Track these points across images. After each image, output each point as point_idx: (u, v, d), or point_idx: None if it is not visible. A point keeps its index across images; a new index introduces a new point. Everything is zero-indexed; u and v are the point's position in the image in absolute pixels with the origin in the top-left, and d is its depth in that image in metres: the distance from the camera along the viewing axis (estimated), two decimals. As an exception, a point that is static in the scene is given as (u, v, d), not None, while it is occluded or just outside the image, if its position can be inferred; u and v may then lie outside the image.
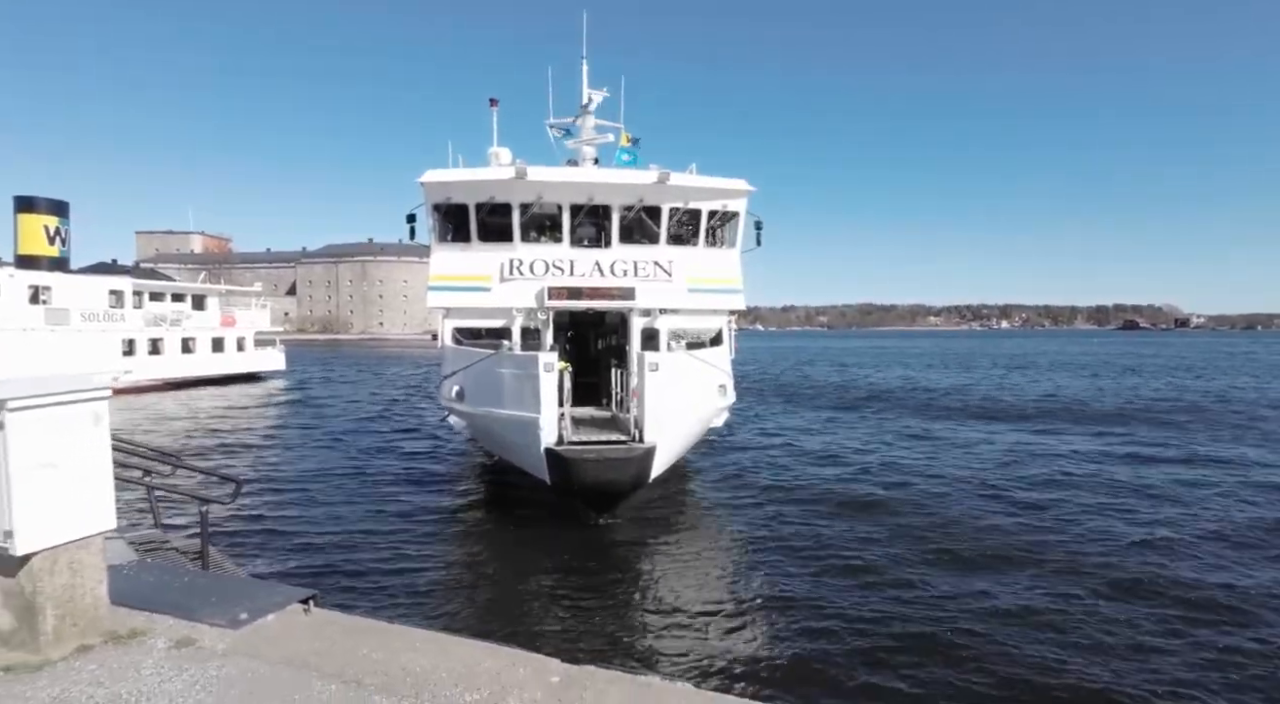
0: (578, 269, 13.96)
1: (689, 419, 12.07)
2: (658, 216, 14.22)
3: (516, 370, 11.16)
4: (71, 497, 4.19)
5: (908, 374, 49.89)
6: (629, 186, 13.84)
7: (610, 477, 10.17)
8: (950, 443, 20.34)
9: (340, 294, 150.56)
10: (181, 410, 29.19)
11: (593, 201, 13.93)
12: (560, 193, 13.78)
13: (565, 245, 14.15)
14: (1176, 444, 19.79)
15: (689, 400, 11.94)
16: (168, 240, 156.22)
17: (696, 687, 4.20)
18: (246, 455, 18.76)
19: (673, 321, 14.27)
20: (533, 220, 14.23)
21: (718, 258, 15.13)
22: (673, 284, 14.24)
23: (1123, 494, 14.00)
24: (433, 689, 3.88)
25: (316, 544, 10.34)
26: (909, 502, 13.30)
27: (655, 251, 14.36)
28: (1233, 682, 6.37)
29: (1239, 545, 10.43)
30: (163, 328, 38.78)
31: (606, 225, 14.24)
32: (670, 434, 10.96)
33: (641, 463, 10.36)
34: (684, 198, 14.19)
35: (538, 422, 10.32)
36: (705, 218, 14.58)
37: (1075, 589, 8.62)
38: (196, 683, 3.90)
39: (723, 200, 14.66)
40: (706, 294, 14.66)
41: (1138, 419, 25.33)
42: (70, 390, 4.17)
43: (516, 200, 13.63)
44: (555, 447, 10.32)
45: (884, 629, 7.54)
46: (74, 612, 4.28)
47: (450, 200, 13.93)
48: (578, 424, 11.89)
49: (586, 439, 10.88)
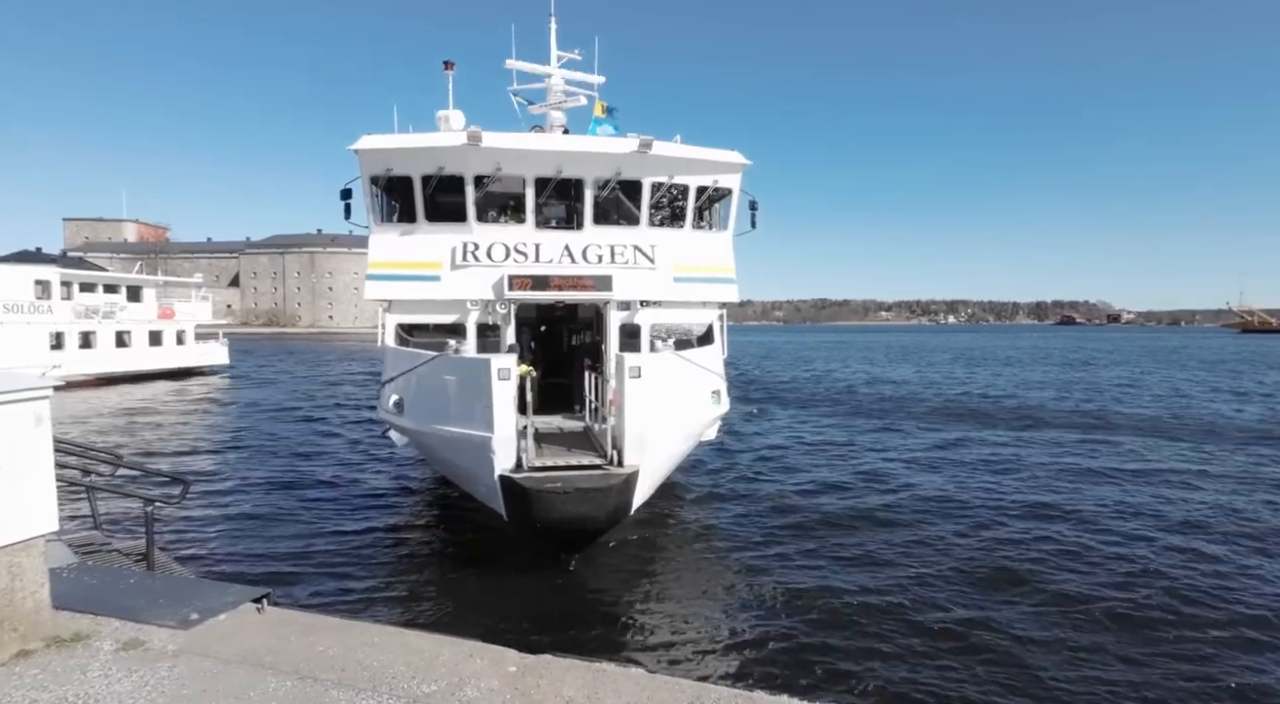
0: (544, 254, 12.06)
1: (678, 435, 10.29)
2: (638, 193, 12.32)
3: (463, 377, 9.26)
4: (11, 498, 4.09)
5: (897, 373, 47.67)
6: (604, 156, 11.90)
7: (581, 511, 8.31)
8: (961, 447, 19.27)
9: (287, 286, 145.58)
10: (117, 407, 27.89)
11: (561, 175, 11.93)
12: (523, 163, 11.77)
13: (529, 227, 12.18)
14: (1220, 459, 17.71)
15: (678, 412, 10.13)
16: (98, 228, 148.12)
17: (649, 672, 4.37)
18: (189, 454, 18.10)
19: (656, 316, 12.52)
20: (490, 197, 12.39)
21: (707, 242, 13.17)
22: (656, 272, 12.34)
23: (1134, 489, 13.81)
24: (390, 683, 3.95)
25: (267, 543, 10.12)
26: (930, 516, 12.10)
27: (635, 234, 12.43)
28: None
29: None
30: (95, 320, 36.83)
31: (578, 203, 12.28)
32: (656, 454, 9.28)
33: (621, 493, 8.58)
34: (669, 171, 12.30)
35: (489, 442, 8.49)
36: (693, 195, 12.69)
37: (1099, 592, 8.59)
38: (146, 683, 3.87)
39: (713, 175, 12.71)
40: (695, 284, 12.75)
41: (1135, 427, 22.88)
42: (10, 390, 4.06)
43: (470, 172, 11.68)
44: (512, 474, 8.51)
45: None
46: (13, 616, 4.18)
47: (391, 172, 11.86)
48: (543, 441, 10.15)
49: (552, 464, 8.96)
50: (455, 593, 8.56)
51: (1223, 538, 10.85)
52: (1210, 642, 7.30)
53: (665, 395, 9.42)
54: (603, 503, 8.41)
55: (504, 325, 11.96)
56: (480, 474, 9.08)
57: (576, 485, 8.36)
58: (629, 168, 12.06)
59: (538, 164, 11.84)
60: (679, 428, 10.24)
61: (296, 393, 33.80)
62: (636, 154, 11.71)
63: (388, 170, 11.88)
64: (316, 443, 19.40)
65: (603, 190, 12.35)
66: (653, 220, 12.69)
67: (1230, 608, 8.16)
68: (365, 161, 11.93)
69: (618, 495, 8.57)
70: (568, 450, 9.73)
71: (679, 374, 10.45)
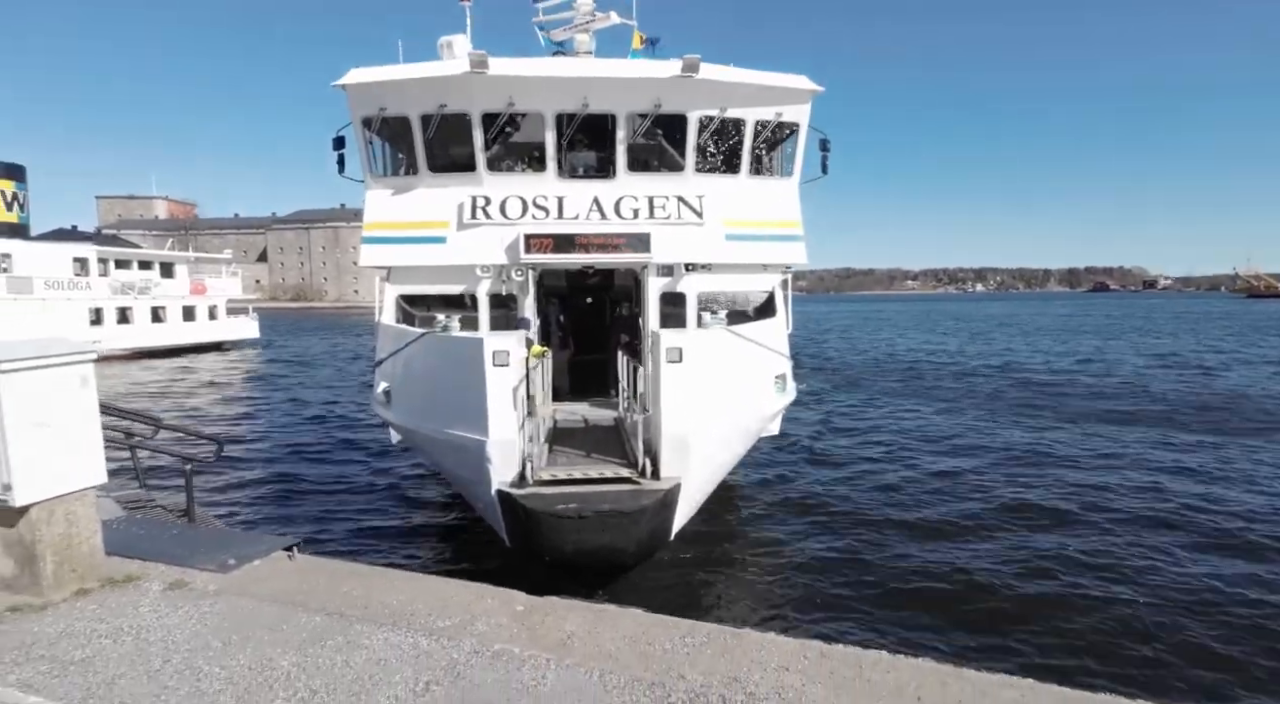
0: (569, 209, 10.07)
1: (731, 435, 8.32)
2: (682, 131, 10.13)
3: (451, 363, 7.60)
4: (64, 452, 4.50)
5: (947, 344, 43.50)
6: (640, 83, 9.78)
7: (602, 541, 6.48)
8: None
9: (313, 261, 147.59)
10: (155, 379, 29.01)
11: (588, 109, 9.82)
12: (540, 95, 9.72)
13: (551, 176, 10.14)
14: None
15: (731, 404, 8.17)
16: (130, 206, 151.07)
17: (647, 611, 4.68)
18: (224, 420, 18.92)
19: (704, 282, 10.42)
20: (511, 148, 10.45)
21: (768, 191, 10.91)
22: (704, 228, 10.24)
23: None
24: (409, 618, 4.32)
25: (297, 500, 10.72)
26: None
27: (679, 182, 10.30)
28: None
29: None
30: (131, 296, 38.10)
31: (609, 144, 10.16)
32: (702, 462, 7.36)
33: (656, 516, 6.74)
34: (720, 101, 10.01)
35: (483, 449, 6.82)
36: (750, 132, 10.37)
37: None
38: (191, 618, 4.29)
39: (776, 105, 10.34)
40: (752, 243, 10.51)
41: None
42: (58, 354, 4.43)
43: (477, 108, 9.68)
44: (514, 489, 6.78)
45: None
46: (71, 558, 4.62)
47: (385, 112, 9.99)
48: (561, 441, 8.46)
49: (566, 475, 7.11)
50: (473, 554, 8.93)
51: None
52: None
53: (715, 384, 7.47)
54: (630, 530, 6.53)
55: (521, 295, 10.10)
56: (476, 487, 7.42)
57: (597, 507, 6.49)
58: (671, 98, 9.86)
59: (558, 95, 9.76)
60: (733, 426, 8.23)
61: (323, 364, 34.73)
62: (680, 79, 9.52)
63: (381, 110, 10.04)
64: (341, 409, 20.08)
65: (639, 128, 10.16)
66: (700, 165, 10.46)
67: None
68: (355, 100, 10.12)
69: (651, 519, 6.66)
70: (588, 456, 7.80)
71: (732, 355, 8.35)
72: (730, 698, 3.40)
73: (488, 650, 3.88)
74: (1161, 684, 6.04)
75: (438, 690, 3.49)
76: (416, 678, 3.59)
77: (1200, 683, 6.11)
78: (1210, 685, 6.07)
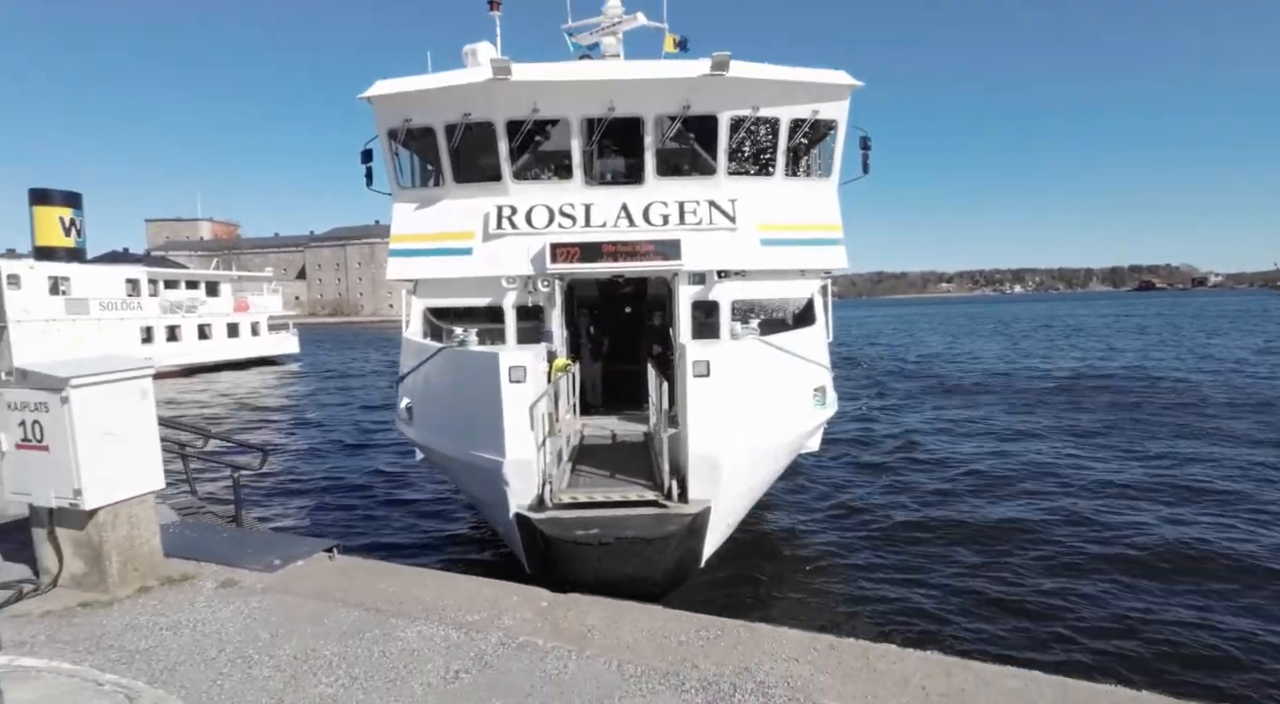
0: (596, 217, 9.84)
1: (766, 454, 7.77)
2: (713, 132, 9.80)
3: (466, 379, 7.35)
4: (127, 460, 4.90)
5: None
6: (668, 84, 9.51)
7: (626, 570, 6.06)
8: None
9: (349, 277, 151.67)
10: (203, 394, 30.23)
11: (614, 113, 9.59)
12: (564, 100, 9.54)
13: (577, 183, 9.98)
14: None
15: (766, 421, 7.63)
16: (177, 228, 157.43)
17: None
18: (267, 431, 19.69)
19: (738, 289, 10.05)
20: (539, 157, 10.20)
21: (805, 193, 10.51)
22: (737, 234, 9.88)
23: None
24: (440, 613, 4.59)
25: (335, 505, 11.19)
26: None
27: (710, 186, 9.98)
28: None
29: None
30: (179, 315, 39.78)
31: (637, 149, 9.94)
32: (734, 484, 6.92)
33: (684, 542, 6.33)
34: (753, 100, 9.68)
35: (499, 470, 6.56)
36: (785, 131, 9.99)
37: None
38: (242, 612, 4.63)
39: (813, 102, 9.95)
40: (789, 248, 10.12)
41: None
42: (121, 369, 4.85)
43: (501, 116, 9.57)
44: (532, 513, 6.46)
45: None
46: (134, 558, 5.01)
47: (410, 123, 9.97)
48: (586, 459, 8.12)
49: (588, 498, 6.75)
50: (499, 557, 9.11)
51: None
52: None
53: (746, 398, 6.96)
54: (656, 559, 6.11)
55: (548, 307, 9.91)
56: (494, 509, 7.14)
57: (619, 533, 6.12)
58: (701, 98, 9.55)
59: (583, 99, 9.57)
60: (767, 443, 7.66)
61: (358, 375, 35.70)
62: (710, 78, 9.20)
63: (406, 122, 10.00)
64: (377, 418, 20.70)
65: (668, 131, 9.86)
66: (733, 168, 10.10)
67: None
68: (381, 112, 10.14)
69: (679, 546, 6.25)
70: (612, 476, 7.44)
71: (766, 368, 7.87)
72: (741, 686, 3.58)
73: (513, 642, 4.12)
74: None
75: (466, 678, 3.73)
76: (447, 666, 3.84)
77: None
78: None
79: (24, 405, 4.64)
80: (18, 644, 4.07)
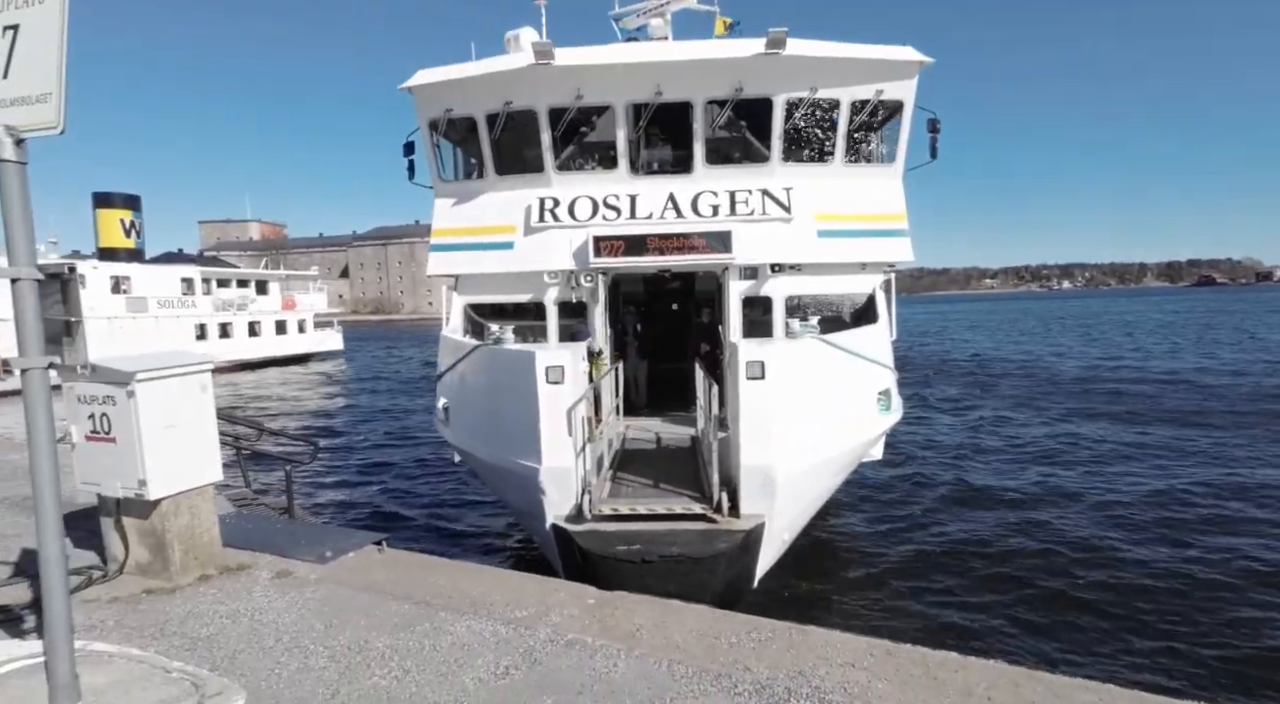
0: (642, 208, 9.35)
1: (825, 464, 7.13)
2: (767, 116, 9.18)
3: (501, 380, 7.01)
4: (188, 452, 5.04)
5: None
6: (719, 65, 8.92)
7: (670, 590, 5.29)
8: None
9: (390, 276, 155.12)
10: (253, 389, 31.26)
11: (662, 97, 9.07)
12: (609, 85, 9.04)
13: (623, 173, 9.48)
14: None
15: (825, 428, 7.07)
16: (227, 229, 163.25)
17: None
18: (316, 426, 20.24)
19: (794, 284, 9.45)
20: (578, 139, 9.67)
21: (867, 180, 9.80)
22: (793, 224, 9.28)
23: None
24: (489, 608, 4.60)
25: (383, 498, 11.42)
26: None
27: (764, 175, 9.38)
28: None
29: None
30: (231, 312, 41.28)
31: (685, 137, 9.41)
32: (790, 498, 6.33)
33: (735, 561, 5.86)
34: (811, 80, 9.02)
35: (535, 476, 6.21)
36: (846, 114, 9.33)
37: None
38: (296, 602, 4.72)
39: (876, 82, 9.21)
40: (849, 240, 9.48)
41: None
42: (182, 364, 4.99)
43: (543, 103, 9.14)
44: (569, 525, 6.07)
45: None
46: (195, 547, 5.16)
47: (451, 113, 9.60)
48: (629, 462, 7.72)
49: (630, 509, 6.27)
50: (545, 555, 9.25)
51: None
52: None
53: (804, 403, 6.50)
54: (704, 579, 5.60)
55: (591, 302, 9.48)
56: (531, 519, 6.77)
57: (664, 550, 5.63)
58: (754, 79, 8.93)
59: (629, 84, 9.06)
60: (828, 453, 7.07)
61: (400, 371, 36.44)
62: (764, 58, 8.59)
63: (447, 112, 9.62)
64: (421, 418, 21.07)
65: (718, 117, 9.31)
66: (789, 154, 9.47)
67: None
68: (422, 102, 9.76)
69: (730, 565, 5.75)
70: (657, 486, 6.90)
71: (826, 369, 7.29)
72: (796, 691, 3.48)
73: (561, 639, 4.10)
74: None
75: (517, 674, 3.72)
76: (497, 662, 3.84)
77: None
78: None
79: (93, 399, 4.81)
80: (88, 628, 4.22)
